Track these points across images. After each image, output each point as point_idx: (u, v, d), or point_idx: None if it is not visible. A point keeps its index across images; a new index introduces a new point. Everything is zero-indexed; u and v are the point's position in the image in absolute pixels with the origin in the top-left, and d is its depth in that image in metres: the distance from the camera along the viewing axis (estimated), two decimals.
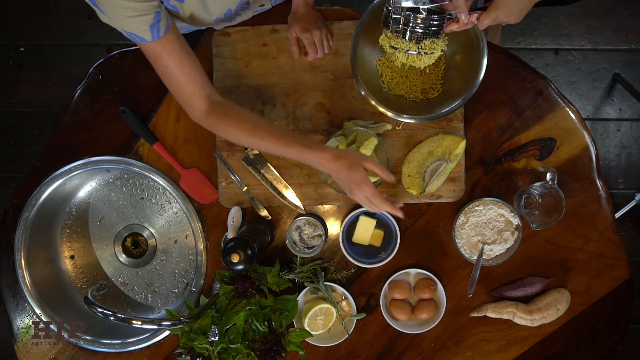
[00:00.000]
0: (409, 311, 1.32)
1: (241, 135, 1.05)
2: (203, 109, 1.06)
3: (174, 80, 1.04)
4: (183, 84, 1.04)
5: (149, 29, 0.97)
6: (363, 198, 1.04)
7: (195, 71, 1.04)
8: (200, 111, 1.07)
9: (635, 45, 2.10)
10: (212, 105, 1.06)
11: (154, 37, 0.98)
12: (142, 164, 1.35)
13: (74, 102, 1.35)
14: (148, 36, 0.98)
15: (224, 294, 1.19)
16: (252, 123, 1.05)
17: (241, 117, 1.06)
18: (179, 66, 1.03)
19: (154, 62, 1.04)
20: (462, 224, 1.28)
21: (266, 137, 1.04)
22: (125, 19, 0.94)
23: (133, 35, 0.98)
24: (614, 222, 1.32)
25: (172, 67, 1.02)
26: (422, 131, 1.31)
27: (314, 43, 1.26)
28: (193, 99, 1.06)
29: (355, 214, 1.29)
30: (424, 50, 1.15)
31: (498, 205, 1.27)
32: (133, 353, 1.37)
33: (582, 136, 1.31)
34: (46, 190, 1.35)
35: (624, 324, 1.33)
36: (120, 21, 0.95)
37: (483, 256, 1.27)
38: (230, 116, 1.06)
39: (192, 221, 1.34)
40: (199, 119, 1.08)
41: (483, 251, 1.27)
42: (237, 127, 1.05)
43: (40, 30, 2.21)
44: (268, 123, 1.07)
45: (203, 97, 1.06)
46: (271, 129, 1.05)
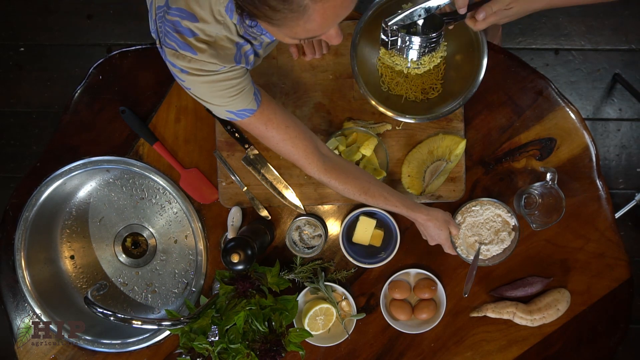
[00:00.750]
0: (409, 311, 1.32)
1: (356, 192, 1.12)
2: (320, 167, 1.09)
3: (286, 146, 1.05)
4: (295, 147, 1.06)
5: (254, 97, 0.98)
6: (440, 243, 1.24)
7: (298, 127, 1.06)
8: (319, 169, 1.09)
9: (635, 45, 2.10)
10: (325, 162, 1.09)
11: (258, 103, 0.99)
12: (142, 164, 1.35)
13: (74, 102, 1.35)
14: (254, 105, 0.98)
15: (224, 294, 1.19)
16: (365, 182, 1.13)
17: (354, 176, 1.12)
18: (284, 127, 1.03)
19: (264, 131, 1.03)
20: (459, 223, 1.28)
21: (377, 196, 1.14)
22: (232, 100, 0.95)
23: (241, 113, 0.98)
24: (614, 222, 1.32)
25: (279, 131, 1.03)
26: (422, 131, 1.31)
27: (312, 44, 1.26)
28: (307, 158, 1.08)
29: (355, 214, 1.29)
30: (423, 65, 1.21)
31: (495, 205, 1.27)
32: (133, 353, 1.37)
33: (582, 136, 1.31)
34: (46, 190, 1.35)
35: (624, 324, 1.33)
36: (228, 105, 0.96)
37: (480, 256, 1.27)
38: (344, 174, 1.12)
39: (192, 221, 1.34)
40: (318, 176, 1.11)
41: (480, 251, 1.27)
42: (354, 185, 1.12)
43: (40, 30, 2.20)
44: (375, 181, 1.16)
45: (316, 154, 1.08)
46: (381, 191, 1.14)
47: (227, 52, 0.90)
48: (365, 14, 1.18)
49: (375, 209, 1.28)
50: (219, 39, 0.88)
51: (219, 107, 0.97)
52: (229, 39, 0.89)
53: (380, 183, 1.16)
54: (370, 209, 1.29)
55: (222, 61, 0.89)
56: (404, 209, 1.16)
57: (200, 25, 0.86)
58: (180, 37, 0.86)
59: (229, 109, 0.97)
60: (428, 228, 1.20)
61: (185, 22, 0.85)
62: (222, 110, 0.98)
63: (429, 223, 1.19)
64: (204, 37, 0.87)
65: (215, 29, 0.87)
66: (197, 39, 0.86)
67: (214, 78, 0.91)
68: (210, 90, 0.94)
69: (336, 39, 0.84)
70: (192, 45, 0.86)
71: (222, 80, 0.92)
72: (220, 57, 0.89)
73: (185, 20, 0.85)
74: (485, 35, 1.18)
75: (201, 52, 0.87)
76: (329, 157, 1.11)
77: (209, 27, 0.86)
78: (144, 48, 1.33)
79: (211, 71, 0.90)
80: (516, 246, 1.26)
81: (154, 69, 1.33)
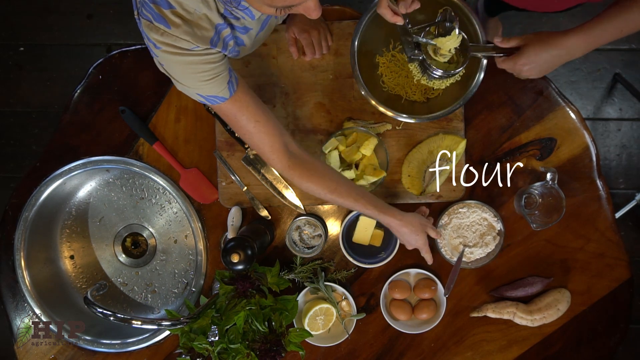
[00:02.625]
0: (409, 311, 1.31)
1: (322, 191, 1.10)
2: (284, 163, 1.09)
3: (252, 136, 1.05)
4: (261, 139, 1.05)
5: (227, 86, 0.97)
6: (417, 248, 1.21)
7: (269, 122, 1.05)
8: (282, 165, 1.09)
9: (636, 45, 2.10)
10: (291, 158, 1.08)
11: (231, 92, 0.98)
12: (142, 164, 1.35)
13: (73, 102, 1.35)
14: (227, 93, 0.97)
15: (224, 294, 1.19)
16: (332, 182, 1.10)
17: (321, 175, 1.10)
18: (254, 120, 1.03)
19: (232, 120, 1.04)
20: (445, 224, 1.28)
21: (345, 196, 1.11)
22: (203, 84, 0.94)
23: (211, 98, 0.97)
24: (614, 222, 1.32)
25: (248, 122, 1.03)
26: (422, 131, 1.31)
27: (312, 44, 1.26)
28: (273, 153, 1.07)
29: (355, 213, 1.29)
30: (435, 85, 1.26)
31: (482, 209, 1.27)
32: (133, 353, 1.37)
33: (583, 136, 1.31)
34: (46, 190, 1.35)
35: (624, 324, 1.33)
36: (198, 87, 0.95)
37: (463, 258, 1.27)
38: (311, 172, 1.10)
39: (192, 221, 1.34)
40: (282, 172, 1.10)
41: (463, 253, 1.27)
42: (319, 184, 1.10)
43: (40, 30, 2.20)
44: (345, 181, 1.13)
45: (282, 150, 1.07)
46: (349, 191, 1.11)
47: (204, 33, 0.88)
48: (365, 14, 1.18)
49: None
50: (198, 17, 0.86)
51: (189, 89, 0.95)
52: (208, 18, 0.87)
53: (352, 184, 1.14)
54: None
55: (196, 40, 0.87)
56: (375, 211, 1.13)
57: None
58: (156, 9, 0.84)
59: (199, 92, 0.96)
60: (403, 234, 1.17)
61: None
62: (192, 92, 0.96)
63: (403, 229, 1.16)
64: (181, 11, 0.85)
65: (194, 4, 0.84)
66: (174, 12, 0.84)
67: (187, 59, 0.89)
68: (182, 70, 0.92)
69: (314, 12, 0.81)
70: (167, 18, 0.84)
71: (195, 63, 0.90)
72: (194, 36, 0.87)
73: None
74: (485, 35, 1.18)
75: (175, 27, 0.85)
76: (297, 155, 1.09)
77: (188, 1, 0.84)
78: (143, 48, 1.33)
79: (184, 49, 0.87)
80: (500, 251, 1.27)
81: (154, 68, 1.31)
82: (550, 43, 1.06)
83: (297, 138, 1.31)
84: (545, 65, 1.08)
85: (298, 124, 1.31)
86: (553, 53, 1.06)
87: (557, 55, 1.07)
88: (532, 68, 1.09)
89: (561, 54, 1.06)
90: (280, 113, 1.31)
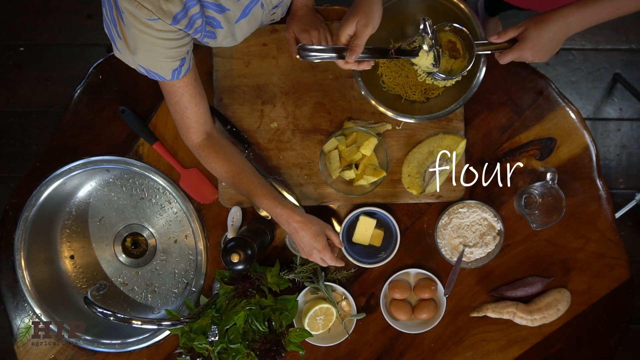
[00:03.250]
0: (409, 311, 1.31)
1: (224, 173, 1.12)
2: (198, 141, 1.12)
3: (179, 112, 1.08)
4: (187, 117, 1.08)
5: (171, 72, 0.98)
6: (319, 260, 1.16)
7: (202, 109, 1.08)
8: (194, 142, 1.12)
9: (636, 44, 2.10)
10: (206, 139, 1.11)
11: (173, 78, 1.00)
12: (142, 164, 1.35)
13: (73, 102, 1.35)
14: (168, 76, 0.99)
15: (224, 294, 1.19)
16: (237, 166, 1.11)
17: (229, 158, 1.11)
18: (189, 103, 1.06)
19: (166, 94, 1.06)
20: (445, 224, 1.28)
21: (245, 183, 1.11)
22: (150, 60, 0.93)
23: (153, 74, 0.98)
24: (614, 222, 1.32)
25: (183, 102, 1.05)
26: (422, 131, 1.31)
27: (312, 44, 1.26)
28: (192, 131, 1.11)
29: (355, 213, 1.29)
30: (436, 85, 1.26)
31: (482, 209, 1.27)
32: (133, 353, 1.37)
33: (583, 136, 1.31)
34: (46, 190, 1.35)
35: (624, 324, 1.33)
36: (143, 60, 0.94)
37: (463, 258, 1.27)
38: (220, 153, 1.11)
39: (192, 221, 1.34)
40: (191, 147, 1.13)
41: (463, 253, 1.27)
42: (222, 165, 1.11)
43: (40, 30, 2.21)
44: (252, 171, 1.13)
45: (201, 132, 1.11)
46: (252, 178, 1.11)
47: (169, 7, 0.85)
48: None
49: (376, 210, 1.28)
50: None
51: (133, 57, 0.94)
52: None
53: (257, 174, 1.13)
54: (370, 208, 1.28)
55: (158, 12, 0.85)
56: (275, 205, 1.08)
57: None
58: None
59: (142, 65, 0.96)
60: (303, 236, 1.10)
61: None
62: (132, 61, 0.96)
63: (303, 227, 1.09)
64: None
65: None
66: None
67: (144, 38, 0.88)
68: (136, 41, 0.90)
69: None
70: None
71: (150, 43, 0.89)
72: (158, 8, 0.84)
73: None
74: (485, 35, 1.18)
75: None
76: (212, 137, 1.12)
77: None
78: None
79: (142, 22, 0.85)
80: (500, 251, 1.27)
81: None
82: (548, 21, 1.06)
83: (297, 138, 1.31)
84: (549, 44, 1.08)
85: (298, 124, 1.31)
86: (554, 30, 1.06)
87: (557, 31, 1.06)
88: (538, 51, 1.08)
89: (561, 29, 1.06)
90: (280, 113, 1.31)
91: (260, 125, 1.32)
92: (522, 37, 1.09)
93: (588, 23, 1.06)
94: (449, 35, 1.17)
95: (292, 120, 1.31)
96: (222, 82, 1.31)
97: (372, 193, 1.27)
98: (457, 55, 1.18)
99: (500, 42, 1.12)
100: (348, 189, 1.28)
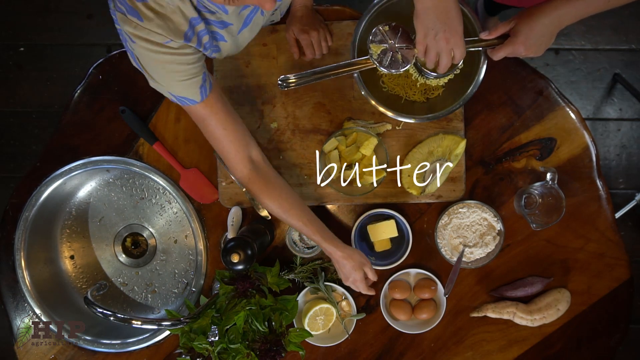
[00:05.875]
0: (409, 311, 1.31)
1: (275, 208, 1.13)
2: (245, 174, 1.11)
3: (218, 142, 1.07)
4: (226, 146, 1.07)
5: (199, 90, 0.98)
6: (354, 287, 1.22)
7: (237, 130, 1.07)
8: (243, 176, 1.11)
9: (636, 45, 2.10)
10: (253, 170, 1.11)
11: (203, 96, 0.99)
12: (142, 164, 1.35)
13: (73, 102, 1.35)
14: (198, 97, 0.98)
15: (224, 294, 1.19)
16: (287, 202, 1.13)
17: (278, 194, 1.13)
18: (222, 126, 1.05)
19: (201, 123, 1.05)
20: (445, 224, 1.28)
21: (296, 218, 1.13)
22: (176, 84, 0.94)
23: (182, 99, 0.98)
24: (614, 222, 1.32)
25: (216, 128, 1.04)
26: (422, 131, 1.31)
27: (312, 44, 1.26)
28: (236, 163, 1.10)
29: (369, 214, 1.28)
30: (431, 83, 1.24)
31: (482, 209, 1.27)
32: (133, 353, 1.37)
33: (582, 136, 1.31)
34: (46, 190, 1.35)
35: (624, 324, 1.33)
36: (171, 87, 0.95)
37: (463, 258, 1.27)
38: (269, 189, 1.12)
39: (192, 221, 1.34)
40: (242, 182, 1.13)
41: (463, 253, 1.27)
42: (274, 201, 1.12)
43: (40, 30, 2.20)
44: (301, 207, 1.15)
45: (245, 161, 1.10)
46: (301, 214, 1.14)
47: (178, 27, 0.87)
48: (365, 14, 1.18)
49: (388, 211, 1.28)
50: (171, 10, 0.86)
51: (162, 86, 0.95)
52: (181, 11, 0.87)
53: (305, 208, 1.16)
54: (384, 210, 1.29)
55: (169, 34, 0.87)
56: (321, 240, 1.15)
57: None
58: (129, 2, 0.84)
59: (171, 91, 0.96)
60: (344, 266, 1.18)
61: None
62: (164, 90, 0.97)
63: (344, 261, 1.16)
64: (154, 4, 0.84)
65: None
66: (146, 5, 0.84)
67: (163, 57, 0.89)
68: (156, 67, 0.92)
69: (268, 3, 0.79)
70: (140, 11, 0.84)
71: (170, 62, 0.90)
72: (168, 30, 0.86)
73: None
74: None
75: (148, 20, 0.84)
76: (260, 168, 1.12)
77: None
78: None
79: (158, 44, 0.87)
80: (500, 251, 1.27)
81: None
82: (538, 14, 1.05)
83: (297, 138, 1.31)
84: (542, 37, 1.06)
85: (298, 124, 1.31)
86: (545, 22, 1.05)
87: (549, 23, 1.05)
88: (531, 45, 1.07)
89: (553, 21, 1.04)
90: (280, 113, 1.31)
91: (260, 125, 1.32)
92: (514, 32, 1.08)
93: (580, 15, 1.05)
94: None
95: (292, 120, 1.31)
96: (222, 82, 1.31)
97: (372, 193, 1.27)
98: None
99: (491, 38, 1.12)
100: (348, 189, 1.28)
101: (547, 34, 1.06)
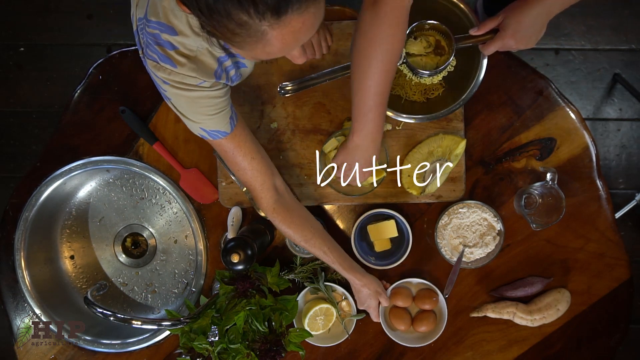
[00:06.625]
0: (408, 322, 1.31)
1: (298, 238, 1.16)
2: (270, 204, 1.13)
3: (245, 172, 1.09)
4: (253, 176, 1.09)
5: (229, 121, 1.00)
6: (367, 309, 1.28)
7: (263, 159, 1.10)
8: (268, 206, 1.13)
9: (636, 45, 2.10)
10: (277, 201, 1.13)
11: (232, 127, 1.01)
12: (142, 164, 1.35)
13: (73, 102, 1.35)
14: (229, 128, 1.01)
15: (224, 294, 1.19)
16: (309, 232, 1.16)
17: (302, 221, 1.16)
18: (250, 156, 1.07)
19: (229, 155, 1.07)
20: (445, 224, 1.28)
21: (317, 247, 1.16)
22: (208, 118, 0.96)
23: (214, 133, 1.00)
24: (614, 222, 1.32)
25: (244, 159, 1.07)
26: (422, 131, 1.31)
27: (312, 44, 1.26)
28: (263, 192, 1.12)
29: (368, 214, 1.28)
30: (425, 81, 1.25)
31: (482, 209, 1.27)
32: (133, 353, 1.37)
33: (582, 136, 1.31)
34: (46, 190, 1.35)
35: (624, 324, 1.33)
36: (203, 122, 0.97)
37: (463, 258, 1.27)
38: (293, 219, 1.15)
39: (192, 221, 1.34)
40: (266, 212, 1.15)
41: (463, 254, 1.27)
42: (296, 232, 1.15)
43: (40, 30, 2.20)
44: (322, 236, 1.18)
45: (271, 191, 1.12)
46: (322, 243, 1.17)
47: (208, 67, 0.91)
48: None
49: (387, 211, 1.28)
50: (200, 53, 0.89)
51: (195, 124, 0.98)
52: (210, 52, 0.90)
53: (326, 236, 1.19)
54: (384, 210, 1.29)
55: (202, 75, 0.90)
56: (341, 268, 1.19)
57: (179, 39, 0.86)
58: (161, 50, 0.87)
59: (203, 127, 0.99)
60: (360, 292, 1.24)
61: (164, 36, 0.86)
62: (196, 127, 0.99)
63: (362, 289, 1.22)
64: (185, 50, 0.87)
65: (195, 42, 0.87)
66: (178, 52, 0.87)
67: (195, 94, 0.92)
68: (189, 106, 0.95)
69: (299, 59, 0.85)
70: (172, 58, 0.87)
71: (202, 98, 0.93)
72: (200, 72, 0.90)
73: (165, 33, 0.85)
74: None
75: (181, 66, 0.88)
76: (283, 197, 1.14)
77: (189, 41, 0.86)
78: None
79: (191, 85, 0.90)
80: (500, 251, 1.27)
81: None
82: (525, 6, 1.05)
83: (297, 138, 1.31)
84: (531, 29, 1.07)
85: (298, 124, 1.31)
86: (533, 14, 1.05)
87: (537, 15, 1.05)
88: (521, 37, 1.08)
89: (541, 12, 1.05)
90: (280, 113, 1.31)
91: (260, 125, 1.32)
92: (502, 26, 1.09)
93: (567, 3, 1.05)
94: (432, 33, 1.18)
95: (292, 121, 1.31)
96: None
97: (372, 193, 1.27)
98: (442, 52, 1.19)
99: (480, 34, 1.12)
100: (348, 189, 1.28)
101: (536, 24, 1.07)
